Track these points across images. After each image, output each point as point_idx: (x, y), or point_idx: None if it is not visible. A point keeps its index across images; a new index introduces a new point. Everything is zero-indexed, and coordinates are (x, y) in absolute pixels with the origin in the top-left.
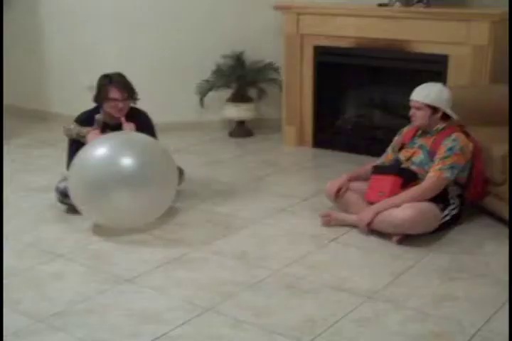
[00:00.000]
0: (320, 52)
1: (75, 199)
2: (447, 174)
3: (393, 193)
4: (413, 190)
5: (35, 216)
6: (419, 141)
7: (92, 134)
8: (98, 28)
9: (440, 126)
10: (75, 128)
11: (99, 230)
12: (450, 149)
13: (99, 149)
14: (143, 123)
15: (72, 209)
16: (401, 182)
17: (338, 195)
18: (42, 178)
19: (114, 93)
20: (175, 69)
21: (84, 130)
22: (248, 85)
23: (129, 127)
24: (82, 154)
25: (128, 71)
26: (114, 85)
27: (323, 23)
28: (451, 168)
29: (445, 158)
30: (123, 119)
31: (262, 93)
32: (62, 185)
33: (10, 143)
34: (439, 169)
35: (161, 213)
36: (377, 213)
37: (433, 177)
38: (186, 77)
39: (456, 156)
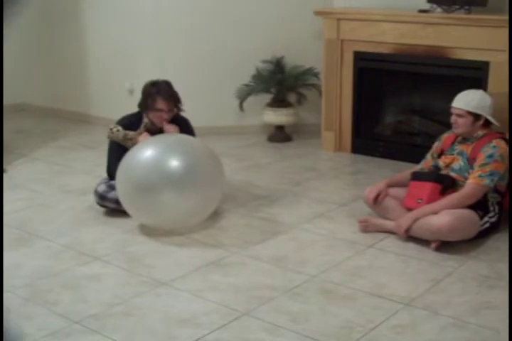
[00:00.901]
0: (360, 57)
1: (123, 200)
2: (487, 181)
3: (432, 200)
4: (452, 197)
5: (74, 218)
6: (458, 148)
7: (143, 136)
8: (139, 32)
9: (480, 132)
10: (122, 131)
11: (137, 233)
12: (490, 156)
13: (147, 151)
14: (183, 128)
15: (111, 212)
16: (440, 189)
17: (377, 200)
18: (81, 180)
19: (161, 104)
20: (215, 73)
21: (131, 133)
22: (288, 90)
23: (172, 128)
24: (130, 156)
25: (168, 75)
26: (161, 96)
27: (363, 28)
28: (491, 175)
29: (485, 165)
30: (165, 122)
31: (301, 98)
32: (100, 188)
33: (50, 145)
34: (479, 176)
35: (208, 214)
36: (416, 219)
37: (472, 184)
38: (226, 82)
39: (495, 163)
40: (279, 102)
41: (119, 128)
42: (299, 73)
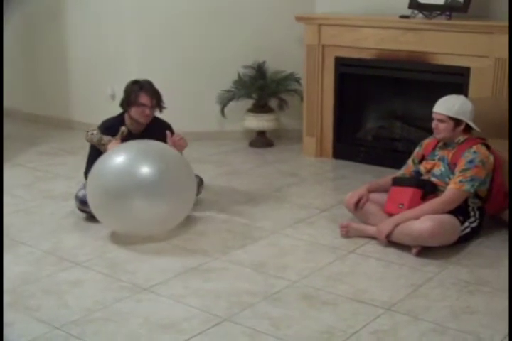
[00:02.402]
0: (341, 63)
1: (93, 207)
2: (467, 186)
3: (413, 205)
4: (433, 202)
5: (55, 223)
6: (439, 153)
7: (112, 144)
8: (121, 37)
9: (461, 138)
10: (97, 135)
11: (117, 238)
12: (470, 162)
13: (118, 157)
14: (166, 134)
15: (92, 217)
16: (421, 194)
17: (358, 206)
18: (62, 186)
19: (143, 99)
20: (196, 79)
21: (105, 138)
22: (269, 95)
23: (178, 137)
24: (101, 162)
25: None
26: (144, 91)
27: (344, 34)
28: (472, 180)
29: (465, 170)
30: (168, 133)
31: (282, 103)
32: (81, 193)
33: (31, 151)
34: (459, 181)
35: (179, 222)
36: (397, 225)
37: (453, 189)
38: (207, 87)
39: (476, 169)
40: (260, 108)
41: (95, 132)
42: (281, 78)
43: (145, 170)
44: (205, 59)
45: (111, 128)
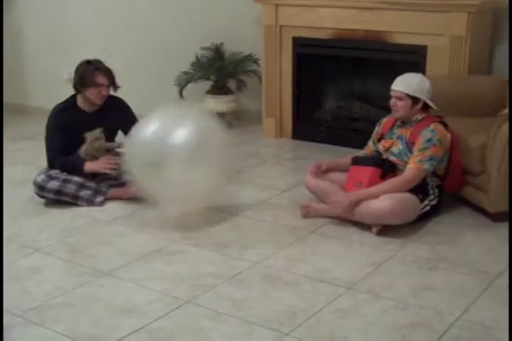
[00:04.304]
0: (299, 43)
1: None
2: (426, 166)
3: (372, 184)
4: (392, 181)
5: (13, 210)
6: (397, 132)
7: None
8: (76, 20)
9: (419, 116)
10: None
11: (77, 223)
12: (428, 140)
13: (153, 126)
14: (120, 108)
15: (51, 203)
16: (380, 173)
17: (318, 172)
18: (19, 172)
19: (101, 79)
20: (154, 61)
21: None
22: (228, 77)
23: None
24: (136, 132)
25: (107, 63)
26: (100, 71)
27: (302, 14)
28: (430, 159)
29: (424, 149)
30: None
31: (241, 85)
32: (39, 178)
33: None
34: (419, 161)
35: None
36: (353, 201)
37: (412, 168)
38: (165, 69)
39: (434, 148)
40: (219, 89)
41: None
42: (239, 60)
43: (184, 137)
44: (162, 41)
45: (65, 111)
